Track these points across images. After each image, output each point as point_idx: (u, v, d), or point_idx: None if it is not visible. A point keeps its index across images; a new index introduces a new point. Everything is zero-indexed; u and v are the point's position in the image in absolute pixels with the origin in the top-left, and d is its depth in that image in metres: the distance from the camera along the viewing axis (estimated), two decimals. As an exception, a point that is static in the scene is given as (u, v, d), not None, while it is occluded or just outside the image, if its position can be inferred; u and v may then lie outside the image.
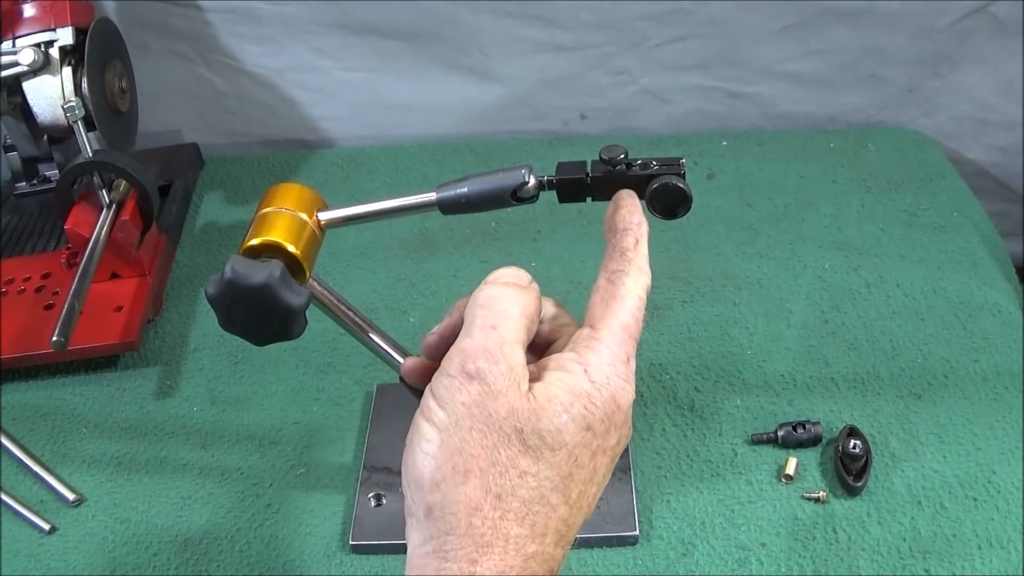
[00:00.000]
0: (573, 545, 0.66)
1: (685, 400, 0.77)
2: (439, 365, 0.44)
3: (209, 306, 0.49)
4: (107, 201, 0.85)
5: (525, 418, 0.41)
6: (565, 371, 0.43)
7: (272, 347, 0.51)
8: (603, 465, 0.44)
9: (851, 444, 0.68)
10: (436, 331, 0.50)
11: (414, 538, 0.42)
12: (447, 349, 0.44)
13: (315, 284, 0.54)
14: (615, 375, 0.44)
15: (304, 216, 0.51)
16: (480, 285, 0.46)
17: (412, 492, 0.42)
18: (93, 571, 0.69)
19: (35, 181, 1.02)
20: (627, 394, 0.44)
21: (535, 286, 0.46)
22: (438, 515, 0.41)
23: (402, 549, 0.44)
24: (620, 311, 0.45)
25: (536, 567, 0.41)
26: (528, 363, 0.44)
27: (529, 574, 0.41)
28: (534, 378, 0.44)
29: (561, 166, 0.51)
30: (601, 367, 0.43)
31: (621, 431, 0.44)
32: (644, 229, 0.48)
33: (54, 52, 0.85)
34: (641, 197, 0.50)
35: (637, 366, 0.45)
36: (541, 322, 0.48)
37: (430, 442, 0.42)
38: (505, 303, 0.44)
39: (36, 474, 0.76)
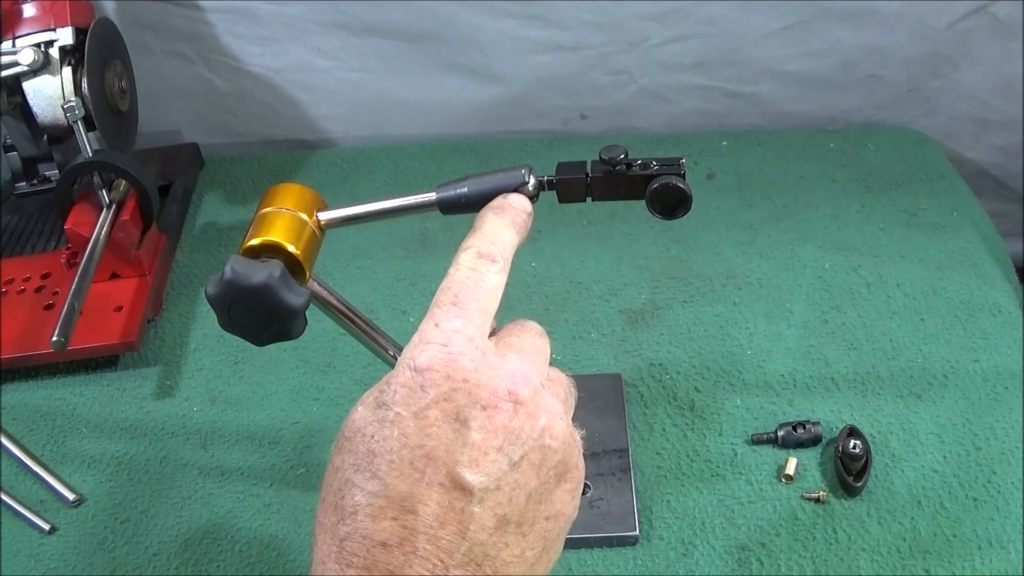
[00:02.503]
0: (573, 545, 0.66)
1: (685, 400, 0.77)
2: None
3: (209, 306, 0.49)
4: (107, 201, 0.85)
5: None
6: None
7: (272, 347, 0.51)
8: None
9: (851, 444, 0.68)
10: None
11: None
12: None
13: (315, 284, 0.54)
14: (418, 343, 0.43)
15: (304, 216, 0.51)
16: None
17: None
18: (93, 571, 0.69)
19: (35, 181, 1.01)
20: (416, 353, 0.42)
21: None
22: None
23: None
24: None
25: None
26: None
27: None
28: None
29: (561, 166, 0.51)
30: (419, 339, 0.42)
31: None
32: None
33: (54, 52, 0.85)
34: (641, 197, 0.50)
35: (637, 366, 0.45)
36: None
37: None
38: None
39: (36, 474, 0.76)
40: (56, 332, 0.70)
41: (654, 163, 0.50)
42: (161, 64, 1.07)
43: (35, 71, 0.84)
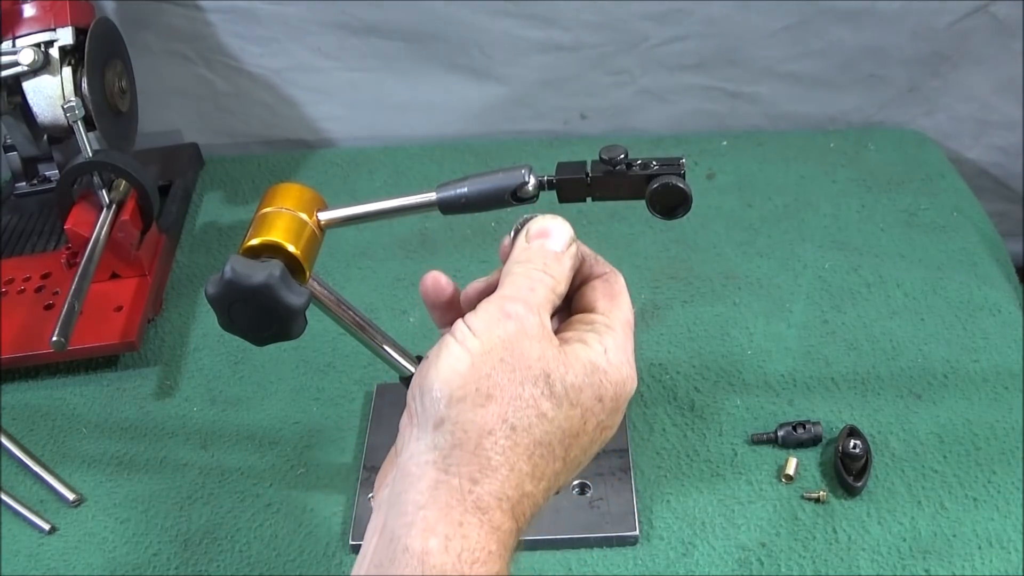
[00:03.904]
0: (573, 545, 0.66)
1: (685, 400, 0.77)
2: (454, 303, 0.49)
3: (209, 306, 0.49)
4: (107, 201, 0.85)
5: (554, 366, 0.43)
6: (586, 345, 0.45)
7: (272, 347, 0.51)
8: (598, 441, 0.46)
9: (851, 444, 0.68)
10: (482, 281, 0.51)
11: (412, 447, 0.43)
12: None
13: (315, 284, 0.54)
14: (626, 363, 0.46)
15: (304, 216, 0.51)
16: (525, 234, 0.48)
17: (425, 403, 0.43)
18: (93, 571, 0.69)
19: (35, 181, 1.02)
20: (632, 383, 0.46)
21: (572, 251, 0.48)
22: (448, 428, 0.42)
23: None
24: (624, 305, 0.48)
25: (526, 507, 0.43)
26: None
27: (520, 510, 0.42)
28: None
29: (561, 166, 0.51)
30: (616, 351, 0.46)
31: (618, 417, 0.46)
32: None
33: (54, 52, 0.85)
34: (641, 197, 0.50)
35: (637, 366, 0.47)
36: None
37: (460, 360, 0.43)
38: (542, 268, 0.46)
39: (36, 474, 0.76)
40: (56, 332, 0.70)
41: (654, 163, 0.50)
42: (161, 64, 1.07)
43: (35, 71, 0.84)
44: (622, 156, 0.49)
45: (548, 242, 0.47)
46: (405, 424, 0.45)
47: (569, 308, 0.50)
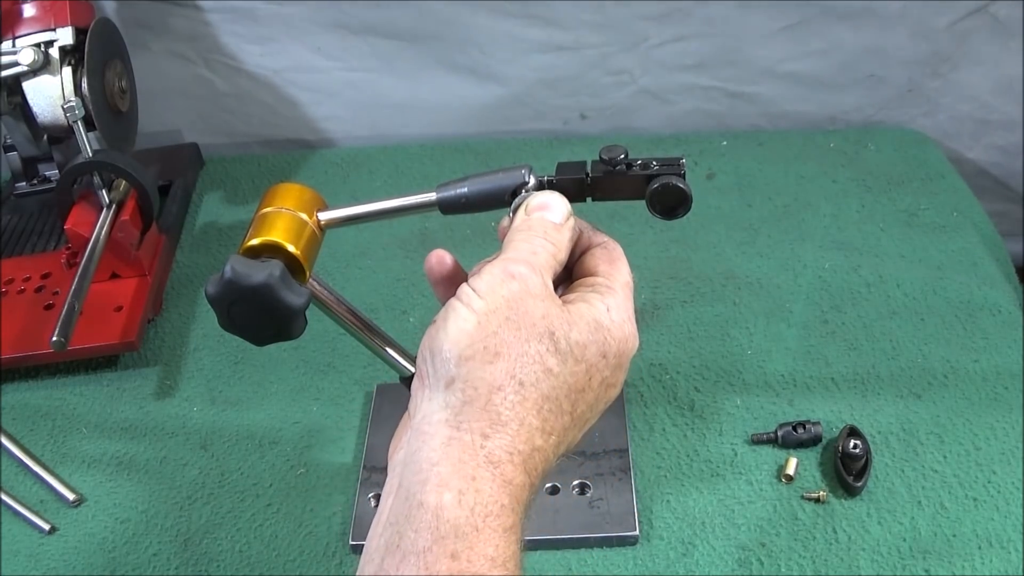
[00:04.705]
0: (573, 545, 0.66)
1: (685, 400, 0.77)
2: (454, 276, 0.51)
3: (209, 306, 0.49)
4: (107, 201, 0.85)
5: (559, 324, 0.45)
6: (589, 304, 0.47)
7: (272, 347, 0.51)
8: (603, 399, 0.48)
9: (851, 444, 0.68)
10: (487, 262, 0.51)
11: (425, 408, 0.45)
12: None
13: (315, 284, 0.54)
14: (628, 320, 0.47)
15: (304, 216, 0.51)
16: (524, 208, 0.49)
17: (436, 364, 0.45)
18: (93, 571, 0.69)
19: (35, 181, 1.02)
20: (634, 341, 0.48)
21: (570, 224, 0.49)
22: (459, 387, 0.43)
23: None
24: (624, 269, 0.50)
25: (537, 462, 0.44)
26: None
27: (532, 465, 0.44)
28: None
29: (561, 166, 0.51)
30: (618, 310, 0.47)
31: (622, 375, 0.48)
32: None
33: (54, 52, 0.85)
34: (641, 197, 0.50)
35: (637, 366, 0.47)
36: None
37: (466, 321, 0.44)
38: (542, 235, 0.47)
39: (36, 474, 0.76)
40: (56, 332, 0.70)
41: (654, 163, 0.50)
42: (161, 64, 1.07)
43: (35, 71, 0.84)
44: (622, 156, 0.49)
45: (547, 214, 0.48)
46: (417, 387, 0.46)
47: (570, 278, 0.51)
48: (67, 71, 0.85)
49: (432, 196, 0.50)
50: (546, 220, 0.48)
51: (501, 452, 0.43)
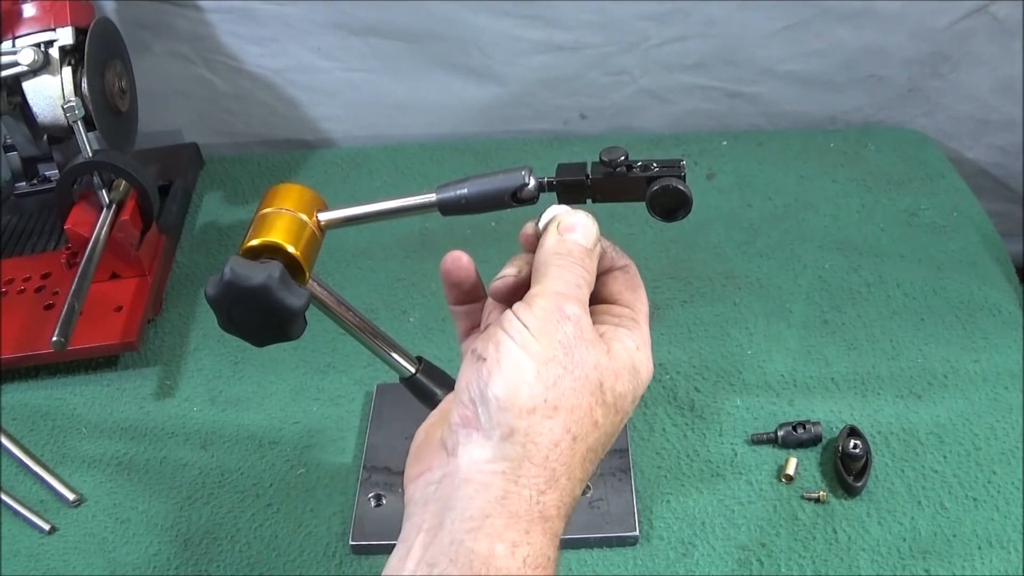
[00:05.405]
0: (573, 545, 0.66)
1: (685, 400, 0.77)
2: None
3: (209, 306, 0.49)
4: (107, 201, 0.85)
5: (607, 374, 0.44)
6: (623, 344, 0.46)
7: (272, 347, 0.51)
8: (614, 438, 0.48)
9: (851, 444, 0.68)
10: (510, 275, 0.49)
11: (476, 454, 0.43)
12: (520, 294, 0.46)
13: (315, 285, 0.54)
14: (649, 357, 0.48)
15: (304, 217, 0.51)
16: (553, 228, 0.48)
17: (491, 411, 0.43)
18: (93, 571, 0.69)
19: (35, 181, 1.02)
20: (650, 375, 0.48)
21: (599, 249, 0.49)
22: (520, 440, 0.42)
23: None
24: (644, 297, 0.50)
25: (571, 509, 0.44)
26: None
27: (568, 511, 0.44)
28: None
29: (561, 168, 0.51)
30: (644, 346, 0.47)
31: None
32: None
33: (54, 52, 0.85)
34: (641, 199, 0.50)
35: None
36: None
37: (524, 369, 0.43)
38: (580, 263, 0.47)
39: (36, 474, 0.76)
40: (56, 332, 0.70)
41: (654, 164, 0.50)
42: (161, 64, 1.07)
43: (35, 71, 0.84)
44: (622, 158, 0.49)
45: (580, 237, 0.48)
46: (459, 425, 0.44)
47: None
48: (67, 71, 0.85)
49: (432, 197, 0.50)
50: (580, 245, 0.47)
51: (552, 508, 0.43)
